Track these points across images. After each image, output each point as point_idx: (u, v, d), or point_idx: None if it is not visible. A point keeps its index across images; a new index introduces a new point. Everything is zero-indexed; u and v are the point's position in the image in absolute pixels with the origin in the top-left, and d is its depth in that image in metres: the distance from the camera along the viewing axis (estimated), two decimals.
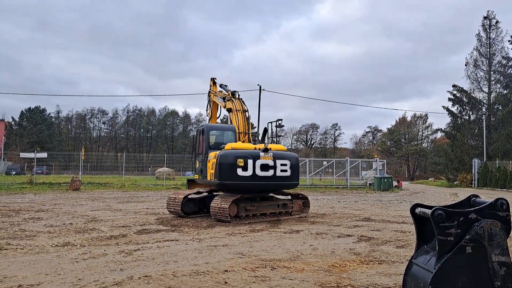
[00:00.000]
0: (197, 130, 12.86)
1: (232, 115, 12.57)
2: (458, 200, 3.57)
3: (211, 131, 12.09)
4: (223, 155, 10.24)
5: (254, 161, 10.27)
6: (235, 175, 10.13)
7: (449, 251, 2.98)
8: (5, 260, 5.95)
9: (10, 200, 16.45)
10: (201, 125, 12.69)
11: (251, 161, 10.21)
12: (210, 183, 11.03)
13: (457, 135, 43.93)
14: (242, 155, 10.26)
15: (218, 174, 10.16)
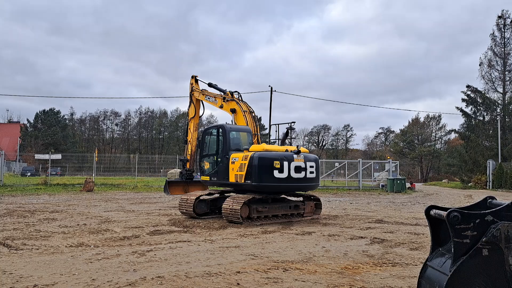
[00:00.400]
0: (206, 130, 12.59)
1: (239, 116, 12.43)
2: (473, 202, 3.52)
3: (231, 132, 11.65)
4: (260, 157, 10.19)
5: (289, 163, 10.36)
6: (272, 177, 10.18)
7: (465, 254, 2.93)
8: (21, 260, 6.04)
9: (26, 201, 16.68)
10: (215, 125, 12.40)
11: (286, 163, 10.29)
12: (235, 184, 10.88)
13: (471, 136, 43.36)
14: (279, 157, 10.31)
15: (256, 176, 10.14)
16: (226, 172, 11.06)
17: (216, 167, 11.56)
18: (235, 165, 10.76)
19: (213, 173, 11.67)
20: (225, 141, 11.32)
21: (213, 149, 11.97)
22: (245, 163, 10.40)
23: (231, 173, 10.86)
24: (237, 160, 10.74)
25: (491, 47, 44.58)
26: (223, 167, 11.21)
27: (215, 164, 11.66)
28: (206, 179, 12.07)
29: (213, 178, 11.69)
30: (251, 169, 10.21)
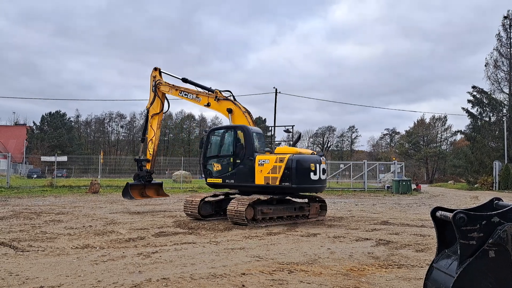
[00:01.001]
0: (215, 131, 12.36)
1: (238, 117, 12.10)
2: (480, 203, 3.50)
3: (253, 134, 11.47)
4: (299, 160, 10.47)
5: (319, 166, 10.73)
6: (309, 179, 10.55)
7: (471, 256, 2.92)
8: (27, 262, 6.07)
9: (32, 203, 16.77)
10: (230, 126, 11.97)
11: (318, 165, 10.66)
12: (265, 187, 10.80)
13: (477, 137, 43.14)
14: (313, 160, 10.73)
15: (296, 178, 10.37)
16: (250, 175, 10.92)
17: (234, 169, 11.27)
18: (265, 167, 10.71)
19: (228, 175, 11.38)
20: (249, 142, 11.15)
21: (226, 150, 11.65)
22: (281, 165, 10.47)
23: (259, 175, 10.80)
24: (267, 162, 10.69)
25: (496, 48, 44.38)
26: (246, 169, 11.03)
27: (232, 166, 11.36)
28: (216, 181, 11.67)
29: (228, 180, 11.37)
30: (290, 172, 10.35)
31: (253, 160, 10.93)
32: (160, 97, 14.14)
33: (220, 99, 12.54)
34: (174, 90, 13.77)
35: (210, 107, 12.78)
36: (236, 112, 12.19)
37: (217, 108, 12.72)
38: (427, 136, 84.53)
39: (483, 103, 44.21)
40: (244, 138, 11.26)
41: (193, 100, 13.28)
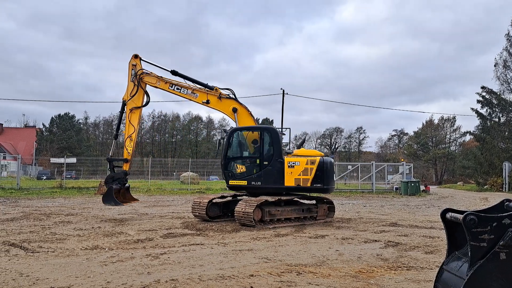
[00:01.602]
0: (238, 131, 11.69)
1: (244, 117, 11.92)
2: (490, 205, 3.47)
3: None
4: (329, 162, 11.20)
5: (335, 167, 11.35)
6: (333, 179, 11.68)
7: (482, 258, 2.90)
8: (38, 262, 6.12)
9: (42, 204, 16.91)
10: (256, 127, 11.83)
11: (335, 167, 11.13)
12: (295, 188, 10.99)
13: (487, 138, 42.73)
14: (333, 162, 11.60)
15: (326, 179, 11.04)
16: (279, 176, 10.93)
17: (261, 171, 11.07)
18: (296, 169, 10.88)
19: (255, 177, 11.09)
20: (277, 144, 11.17)
21: (252, 152, 11.48)
22: (312, 167, 10.90)
23: (289, 177, 10.89)
24: (298, 164, 10.89)
25: (506, 48, 43.88)
26: (274, 170, 10.96)
27: (258, 167, 11.11)
28: (240, 183, 11.25)
29: (254, 182, 11.07)
30: (322, 173, 10.89)
31: (282, 162, 10.97)
32: (143, 89, 12.68)
33: (223, 97, 12.07)
34: (163, 83, 12.56)
35: (209, 104, 12.14)
36: (241, 111, 11.98)
37: (218, 106, 12.18)
38: (435, 137, 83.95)
39: (492, 103, 43.77)
40: (272, 139, 11.25)
41: (188, 96, 12.38)
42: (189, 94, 12.33)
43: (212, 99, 12.16)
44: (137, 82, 12.53)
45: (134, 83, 12.55)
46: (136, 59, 12.72)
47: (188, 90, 12.37)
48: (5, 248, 7.22)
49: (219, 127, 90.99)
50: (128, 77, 12.67)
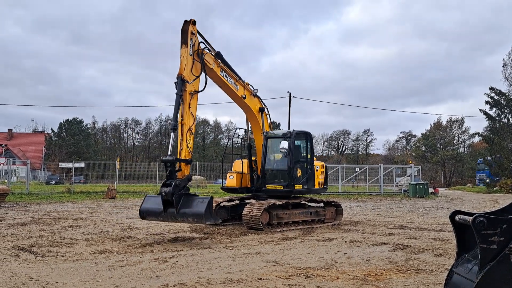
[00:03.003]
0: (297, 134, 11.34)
1: (265, 118, 11.77)
2: (499, 206, 3.44)
3: None
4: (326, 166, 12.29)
5: None
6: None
7: (492, 260, 2.86)
8: (47, 267, 6.16)
9: (50, 208, 17.03)
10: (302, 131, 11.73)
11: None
12: (317, 190, 12.01)
13: (496, 139, 42.30)
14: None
15: (327, 182, 12.43)
16: (313, 179, 11.56)
17: (307, 175, 11.34)
18: (319, 172, 11.81)
19: (304, 181, 11.22)
20: (312, 149, 11.91)
21: (300, 156, 11.65)
22: (323, 171, 12.20)
23: (317, 180, 11.65)
24: (318, 168, 11.84)
25: None
26: (312, 174, 11.51)
27: (305, 172, 11.38)
28: (299, 187, 11.08)
29: (305, 186, 11.26)
30: (326, 176, 12.32)
31: (313, 166, 11.64)
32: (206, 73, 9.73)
33: (254, 95, 11.29)
34: (216, 65, 10.19)
35: (244, 100, 10.98)
36: (264, 114, 11.83)
37: (250, 103, 11.24)
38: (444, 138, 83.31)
39: (501, 104, 43.37)
40: (311, 144, 11.89)
41: (232, 87, 10.61)
42: (233, 84, 10.66)
43: (247, 94, 11.13)
44: (200, 59, 9.57)
45: (194, 58, 9.48)
46: (194, 27, 9.58)
47: (233, 80, 10.70)
48: (15, 252, 7.28)
49: (226, 131, 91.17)
50: (185, 49, 9.29)
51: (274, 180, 11.18)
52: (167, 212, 8.40)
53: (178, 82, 8.95)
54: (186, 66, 9.19)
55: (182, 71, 9.05)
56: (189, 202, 8.46)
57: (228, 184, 11.59)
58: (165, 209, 8.45)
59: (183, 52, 9.19)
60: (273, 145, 11.56)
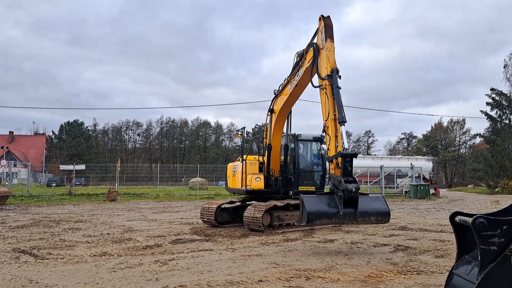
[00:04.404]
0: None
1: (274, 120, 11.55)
2: (500, 207, 3.42)
3: None
4: None
5: None
6: None
7: (492, 261, 2.85)
8: (47, 269, 6.15)
9: (51, 211, 17.03)
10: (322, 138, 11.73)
11: None
12: None
13: (497, 140, 42.29)
14: None
15: None
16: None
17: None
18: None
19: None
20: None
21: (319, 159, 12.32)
22: None
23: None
24: None
25: None
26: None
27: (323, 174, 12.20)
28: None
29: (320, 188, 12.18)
30: None
31: None
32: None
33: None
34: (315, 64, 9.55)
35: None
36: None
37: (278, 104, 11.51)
38: (445, 139, 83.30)
39: (502, 105, 43.36)
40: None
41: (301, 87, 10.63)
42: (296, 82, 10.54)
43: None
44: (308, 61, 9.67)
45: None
46: (324, 23, 9.30)
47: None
48: (15, 255, 7.27)
49: (227, 132, 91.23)
50: (332, 44, 9.10)
51: (304, 182, 11.53)
52: (345, 213, 7.40)
53: (334, 75, 8.57)
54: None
55: (335, 64, 8.84)
56: (364, 200, 7.75)
57: (255, 187, 11.06)
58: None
59: (331, 46, 9.02)
60: (304, 147, 11.86)
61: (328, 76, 8.56)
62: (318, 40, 9.34)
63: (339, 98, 8.31)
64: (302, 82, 10.27)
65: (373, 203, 7.91)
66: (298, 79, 10.24)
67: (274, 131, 11.44)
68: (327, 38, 9.02)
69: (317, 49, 9.20)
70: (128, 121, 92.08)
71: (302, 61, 10.01)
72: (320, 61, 9.05)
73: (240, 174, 11.38)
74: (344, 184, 7.33)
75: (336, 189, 7.47)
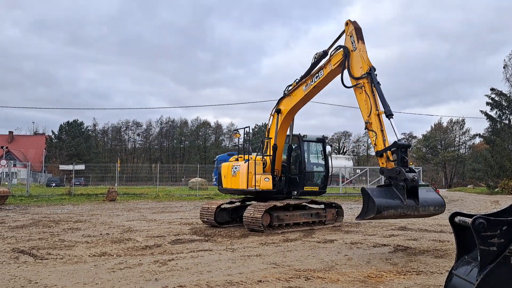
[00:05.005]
0: None
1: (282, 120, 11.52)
2: (500, 208, 3.41)
3: None
4: None
5: None
6: None
7: (492, 262, 2.85)
8: (46, 269, 6.14)
9: (51, 211, 17.02)
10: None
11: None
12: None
13: (497, 140, 42.28)
14: None
15: None
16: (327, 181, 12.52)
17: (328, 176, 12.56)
18: None
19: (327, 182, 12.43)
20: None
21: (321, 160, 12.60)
22: None
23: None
24: None
25: None
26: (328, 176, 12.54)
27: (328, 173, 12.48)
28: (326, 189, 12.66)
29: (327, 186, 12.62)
30: None
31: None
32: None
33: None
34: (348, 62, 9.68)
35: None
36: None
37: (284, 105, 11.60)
38: (445, 140, 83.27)
39: (502, 105, 43.36)
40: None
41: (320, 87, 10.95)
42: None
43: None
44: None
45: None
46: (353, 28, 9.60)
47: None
48: (14, 255, 7.26)
49: (227, 132, 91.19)
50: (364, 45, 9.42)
51: (308, 182, 11.70)
52: (408, 204, 7.35)
53: (373, 73, 8.91)
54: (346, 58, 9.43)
55: (370, 63, 9.13)
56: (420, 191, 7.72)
57: (264, 187, 10.88)
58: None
59: (363, 47, 9.31)
60: (308, 148, 11.98)
61: (366, 73, 8.82)
62: (347, 43, 9.54)
63: (382, 93, 8.59)
64: (322, 84, 10.47)
65: (428, 194, 7.92)
66: (317, 80, 10.36)
67: (280, 131, 11.42)
68: (359, 40, 9.32)
69: (348, 51, 9.40)
70: (128, 121, 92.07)
71: (325, 63, 10.12)
72: (353, 62, 9.27)
73: (246, 174, 11.12)
74: (406, 174, 7.35)
75: (395, 181, 7.46)
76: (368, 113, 8.61)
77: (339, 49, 9.70)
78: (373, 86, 8.66)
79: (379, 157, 8.26)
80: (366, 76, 8.82)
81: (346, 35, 9.62)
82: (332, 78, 10.19)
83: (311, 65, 10.58)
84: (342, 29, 9.81)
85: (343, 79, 9.47)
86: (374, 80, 8.72)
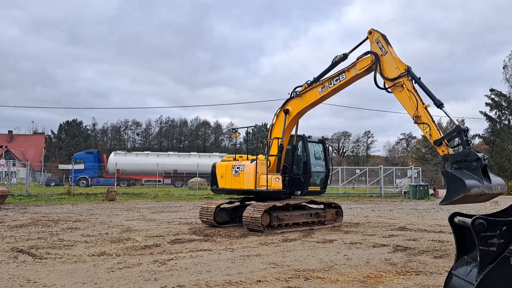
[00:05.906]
0: None
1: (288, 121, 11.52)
2: (500, 208, 3.42)
3: None
4: None
5: None
6: None
7: (491, 262, 2.84)
8: (45, 269, 6.14)
9: (50, 210, 17.00)
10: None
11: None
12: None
13: (496, 141, 42.32)
14: None
15: None
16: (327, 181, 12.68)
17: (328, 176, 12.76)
18: None
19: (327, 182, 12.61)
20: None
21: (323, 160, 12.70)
22: None
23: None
24: None
25: None
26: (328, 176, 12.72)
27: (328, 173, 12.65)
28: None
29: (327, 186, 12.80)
30: None
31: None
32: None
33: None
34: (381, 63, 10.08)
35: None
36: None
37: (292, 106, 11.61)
38: None
39: (501, 106, 43.39)
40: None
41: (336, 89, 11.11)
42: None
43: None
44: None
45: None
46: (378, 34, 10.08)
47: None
48: (14, 254, 7.26)
49: (227, 132, 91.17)
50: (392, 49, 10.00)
51: (311, 182, 11.78)
52: (484, 183, 7.29)
53: (411, 70, 9.40)
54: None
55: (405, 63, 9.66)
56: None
57: (275, 187, 10.75)
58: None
59: (393, 51, 9.88)
60: (311, 148, 12.05)
61: (406, 72, 9.27)
62: (375, 49, 9.90)
63: (425, 86, 9.07)
64: (341, 87, 10.75)
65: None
66: (337, 83, 10.61)
67: (286, 132, 11.36)
68: (388, 45, 9.85)
69: (378, 56, 9.75)
70: (127, 120, 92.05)
71: (349, 67, 10.45)
72: (385, 65, 9.70)
73: (253, 174, 10.94)
74: (476, 154, 7.36)
75: (466, 163, 7.45)
76: (415, 108, 8.91)
77: (367, 54, 9.99)
78: (415, 82, 9.11)
79: (438, 146, 8.38)
80: (406, 74, 9.24)
81: (371, 42, 10.00)
82: (353, 81, 10.66)
83: (329, 66, 10.90)
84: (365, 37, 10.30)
85: (376, 81, 9.77)
86: (415, 76, 9.19)
